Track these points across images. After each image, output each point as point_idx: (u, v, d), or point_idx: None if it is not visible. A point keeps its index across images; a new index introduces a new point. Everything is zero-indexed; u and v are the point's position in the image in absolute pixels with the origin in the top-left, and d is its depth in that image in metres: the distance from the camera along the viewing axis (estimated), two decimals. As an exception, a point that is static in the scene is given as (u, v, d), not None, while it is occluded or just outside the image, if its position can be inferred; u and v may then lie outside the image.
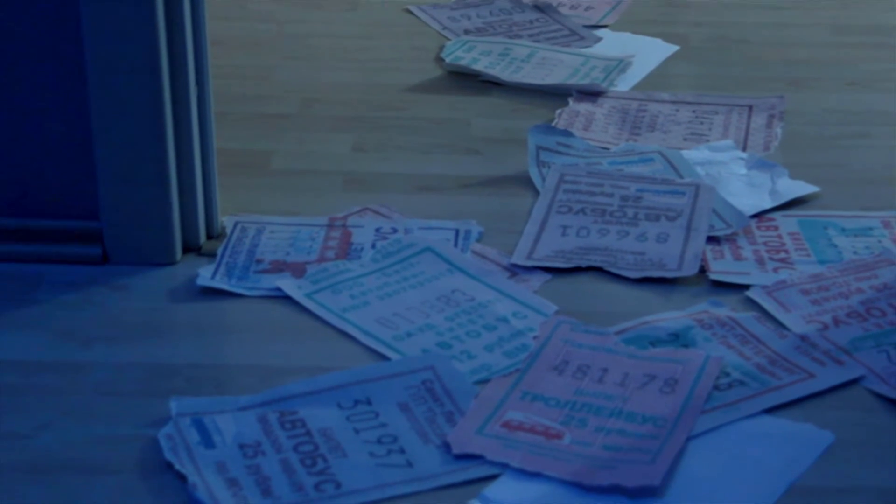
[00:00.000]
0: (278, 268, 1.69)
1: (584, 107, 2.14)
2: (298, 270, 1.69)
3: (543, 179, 1.91)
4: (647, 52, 2.34)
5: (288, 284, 1.66)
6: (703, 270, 1.70)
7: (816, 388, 1.48)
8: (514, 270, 1.70)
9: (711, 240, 1.76)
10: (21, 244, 1.71)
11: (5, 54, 1.63)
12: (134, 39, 1.60)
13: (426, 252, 1.73)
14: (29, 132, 1.67)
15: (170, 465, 1.35)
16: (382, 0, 2.57)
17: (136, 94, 1.63)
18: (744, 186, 1.88)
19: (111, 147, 1.65)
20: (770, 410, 1.45)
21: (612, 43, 2.39)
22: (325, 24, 2.46)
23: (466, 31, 2.42)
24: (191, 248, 1.73)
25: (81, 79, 1.64)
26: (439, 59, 2.31)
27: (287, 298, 1.64)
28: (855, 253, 1.73)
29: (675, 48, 2.37)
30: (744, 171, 1.93)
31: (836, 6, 2.56)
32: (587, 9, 2.54)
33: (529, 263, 1.71)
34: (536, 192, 1.88)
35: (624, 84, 2.22)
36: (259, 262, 1.71)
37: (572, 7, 2.54)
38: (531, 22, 2.47)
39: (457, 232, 1.78)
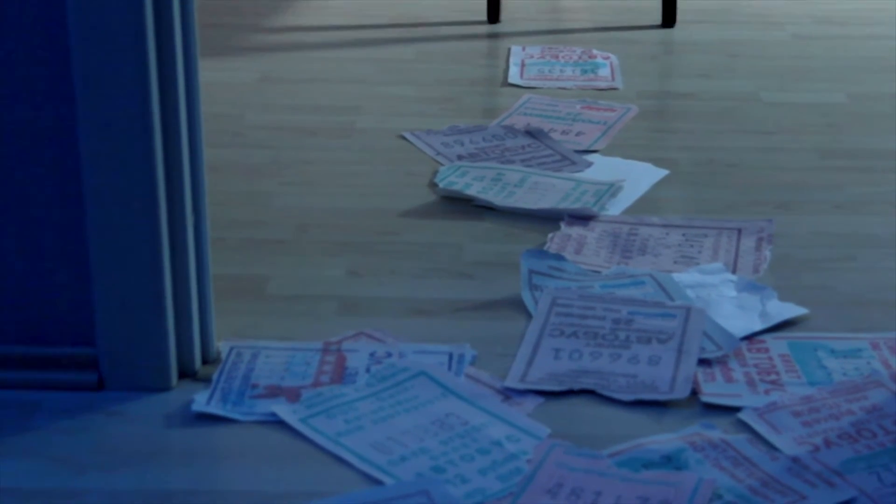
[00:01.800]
0: (273, 393, 1.71)
1: (575, 231, 2.16)
2: (293, 395, 1.70)
3: (536, 303, 1.93)
4: (638, 177, 2.38)
5: (283, 409, 1.66)
6: (694, 393, 1.71)
7: (809, 511, 1.49)
8: (508, 394, 1.71)
9: (703, 362, 1.77)
10: (17, 371, 1.72)
11: (5, 190, 1.66)
12: (131, 168, 1.63)
13: (420, 376, 1.74)
14: (25, 260, 1.69)
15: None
16: (377, 127, 2.61)
17: (133, 222, 1.65)
18: (734, 309, 1.90)
19: (108, 274, 1.67)
20: (763, 533, 1.45)
21: (602, 167, 2.42)
22: (320, 151, 2.49)
23: (459, 157, 2.46)
24: (186, 373, 1.75)
25: (79, 206, 1.66)
26: (433, 185, 2.34)
27: (282, 423, 1.65)
28: (845, 374, 1.75)
29: (664, 172, 2.40)
30: (734, 293, 1.95)
31: (822, 131, 2.61)
32: (578, 134, 2.58)
33: (523, 387, 1.72)
34: (529, 316, 1.90)
35: (615, 208, 2.25)
36: (254, 387, 1.72)
37: (563, 132, 2.58)
38: (523, 147, 2.51)
39: (450, 356, 1.79)
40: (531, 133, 2.56)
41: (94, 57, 1.59)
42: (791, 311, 1.90)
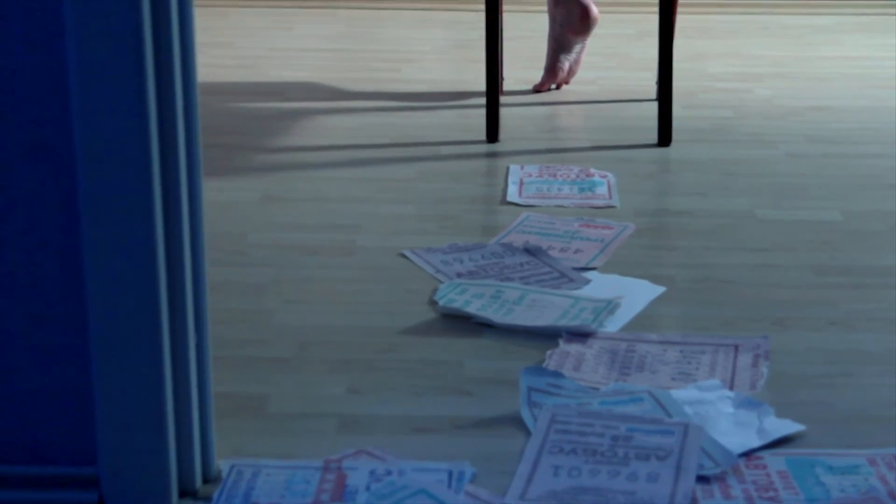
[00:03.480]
0: (273, 511, 1.71)
1: (574, 348, 2.18)
2: (293, 513, 1.70)
3: (535, 420, 1.93)
4: (635, 294, 2.40)
5: (283, 528, 1.67)
6: (693, 510, 1.72)
7: None
8: (507, 511, 1.72)
9: (701, 479, 1.78)
10: (17, 491, 1.72)
11: (7, 310, 1.68)
12: (134, 288, 1.65)
13: (420, 494, 1.74)
14: (26, 378, 1.70)
15: None
16: (377, 245, 2.64)
17: (135, 343, 1.67)
18: (731, 425, 1.91)
19: (109, 394, 1.68)
20: None
21: (600, 285, 2.45)
22: (321, 269, 2.52)
23: (459, 274, 2.48)
24: (187, 492, 1.75)
25: (81, 325, 1.68)
26: (433, 302, 2.36)
27: (282, 542, 1.65)
28: (842, 491, 1.75)
29: (661, 289, 2.42)
30: (731, 409, 1.96)
31: (817, 248, 2.63)
32: (576, 251, 2.61)
33: (522, 504, 1.73)
34: (528, 433, 1.91)
35: (613, 325, 2.27)
36: (254, 505, 1.72)
37: (562, 250, 2.61)
38: (522, 265, 2.53)
39: (450, 473, 1.80)
40: (530, 251, 2.59)
41: (100, 177, 1.61)
42: (788, 427, 1.91)
